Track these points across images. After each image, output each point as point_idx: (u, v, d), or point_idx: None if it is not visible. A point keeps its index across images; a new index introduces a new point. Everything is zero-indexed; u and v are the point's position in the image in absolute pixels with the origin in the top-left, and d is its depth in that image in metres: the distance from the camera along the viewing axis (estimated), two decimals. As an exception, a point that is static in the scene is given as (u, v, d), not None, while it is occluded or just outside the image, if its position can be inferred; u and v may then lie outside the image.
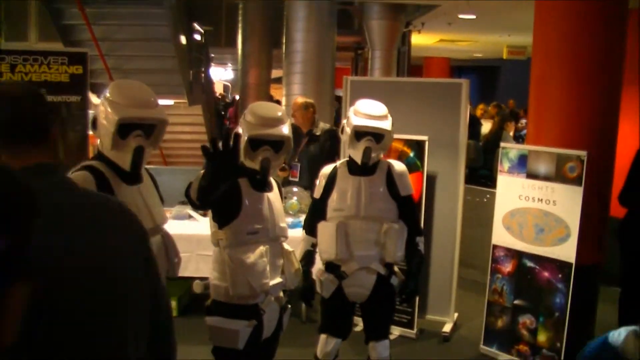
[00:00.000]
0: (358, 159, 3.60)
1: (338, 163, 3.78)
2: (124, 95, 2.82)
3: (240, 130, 3.18)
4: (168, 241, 2.99)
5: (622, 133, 4.94)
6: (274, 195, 3.28)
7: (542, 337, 4.63)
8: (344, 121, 3.77)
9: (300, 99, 6.40)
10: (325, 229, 3.67)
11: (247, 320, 3.13)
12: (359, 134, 3.57)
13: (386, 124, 3.60)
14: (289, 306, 3.41)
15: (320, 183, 3.75)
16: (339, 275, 3.68)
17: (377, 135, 3.58)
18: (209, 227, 3.23)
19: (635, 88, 6.69)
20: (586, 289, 4.62)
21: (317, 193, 3.76)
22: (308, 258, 3.76)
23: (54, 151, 1.44)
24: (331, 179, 3.69)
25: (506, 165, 4.84)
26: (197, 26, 11.94)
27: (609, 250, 4.90)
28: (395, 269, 3.80)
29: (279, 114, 3.23)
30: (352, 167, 3.69)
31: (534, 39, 4.93)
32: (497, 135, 8.48)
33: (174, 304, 5.29)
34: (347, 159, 3.75)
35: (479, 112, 11.17)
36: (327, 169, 3.76)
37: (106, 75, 9.37)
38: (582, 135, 4.60)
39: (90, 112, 4.64)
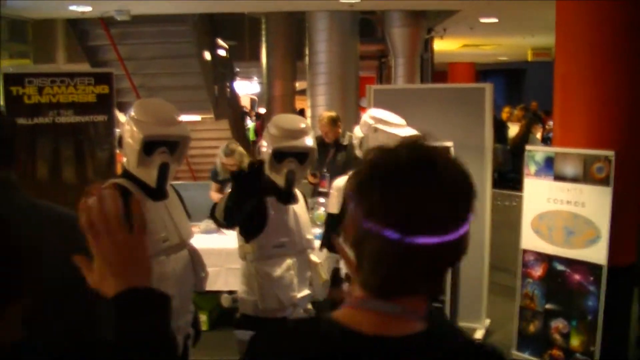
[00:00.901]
0: None
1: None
2: (147, 114, 2.88)
3: (264, 143, 3.22)
4: (195, 256, 3.02)
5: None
6: (299, 208, 3.30)
7: (575, 341, 4.57)
8: (355, 131, 3.75)
9: (326, 114, 6.43)
10: None
11: (276, 333, 3.14)
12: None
13: (413, 131, 3.63)
14: (318, 317, 3.41)
15: (335, 197, 3.62)
16: None
17: None
18: (237, 241, 3.26)
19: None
20: (619, 290, 4.55)
21: (334, 207, 3.61)
22: (335, 276, 3.62)
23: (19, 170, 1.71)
24: None
25: (532, 168, 4.80)
26: (221, 42, 12.06)
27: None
28: None
29: (303, 125, 3.25)
30: None
31: (556, 39, 4.89)
32: (524, 139, 8.42)
33: (204, 318, 5.32)
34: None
35: (504, 115, 11.09)
36: (340, 182, 3.67)
37: (133, 94, 9.51)
38: (609, 135, 4.54)
39: (118, 130, 4.71)
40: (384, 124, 3.61)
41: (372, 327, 1.12)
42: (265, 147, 3.19)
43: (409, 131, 3.59)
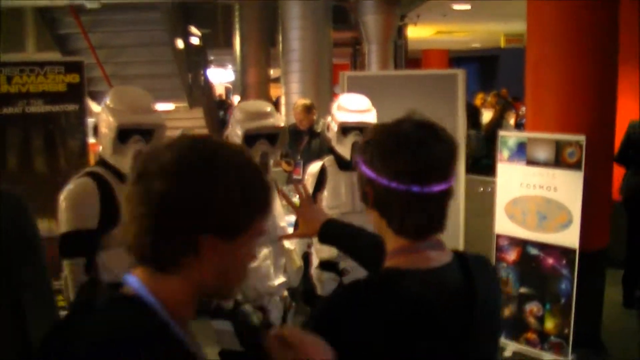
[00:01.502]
0: (347, 154, 3.57)
1: (325, 160, 3.72)
2: (122, 102, 2.88)
3: (231, 127, 3.21)
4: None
5: (619, 114, 4.94)
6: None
7: (549, 324, 4.63)
8: (328, 118, 3.76)
9: (300, 101, 6.40)
10: None
11: (253, 323, 3.14)
12: (346, 129, 3.56)
13: (371, 117, 3.60)
14: (294, 304, 3.42)
15: (308, 182, 3.66)
16: (340, 272, 3.66)
17: (364, 129, 3.58)
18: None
19: (630, 68, 6.67)
20: (592, 273, 4.62)
21: None
22: (306, 260, 3.69)
23: None
24: (321, 177, 3.64)
25: (506, 153, 4.84)
26: (194, 29, 11.96)
27: (613, 233, 4.91)
28: None
29: (268, 109, 3.25)
30: (342, 163, 3.67)
31: (527, 25, 4.93)
32: (497, 124, 8.48)
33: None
34: (332, 156, 3.72)
35: (478, 102, 11.15)
36: (313, 168, 3.70)
37: (105, 83, 9.41)
38: (580, 120, 4.59)
39: (91, 119, 4.66)
40: (339, 108, 3.62)
41: (428, 263, 1.43)
42: (234, 133, 3.17)
43: (359, 117, 3.57)
